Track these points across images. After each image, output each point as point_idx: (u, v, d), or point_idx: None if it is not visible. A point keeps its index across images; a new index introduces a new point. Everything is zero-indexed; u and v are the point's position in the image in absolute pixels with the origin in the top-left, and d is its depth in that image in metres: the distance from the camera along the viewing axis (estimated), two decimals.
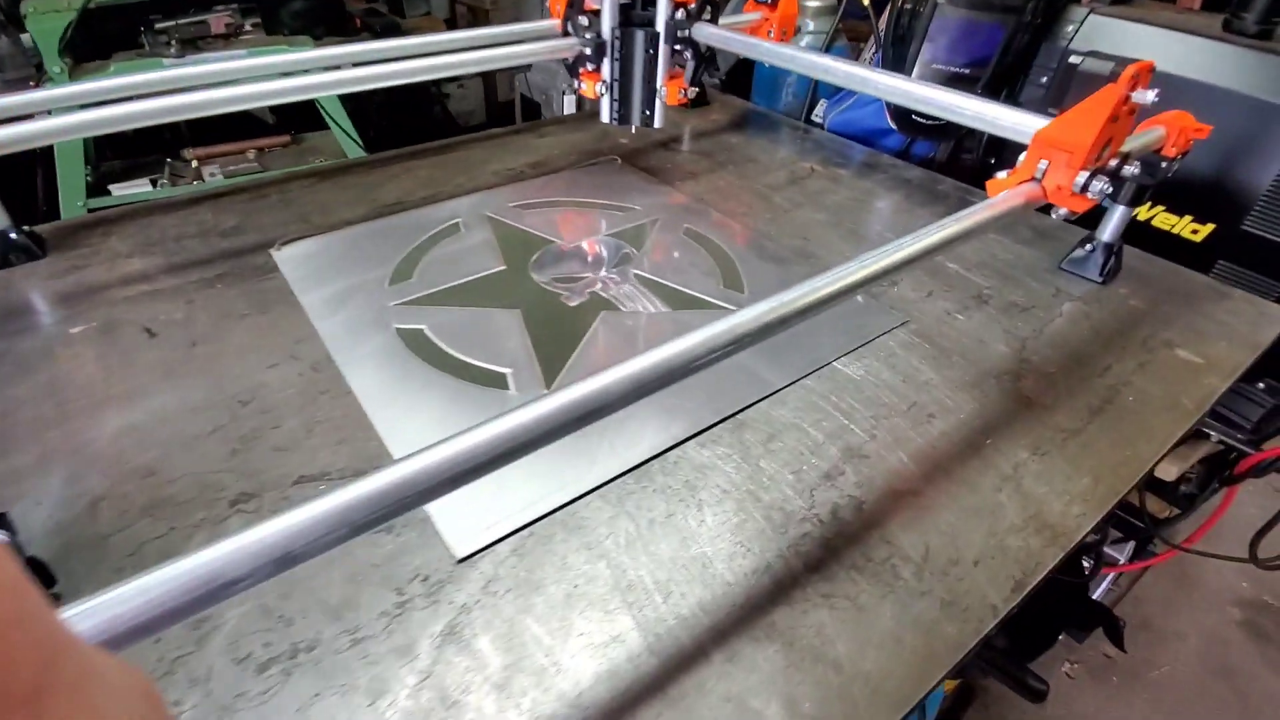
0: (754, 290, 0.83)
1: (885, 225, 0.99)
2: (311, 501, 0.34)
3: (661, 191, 1.05)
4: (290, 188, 1.02)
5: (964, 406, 0.68)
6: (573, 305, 0.80)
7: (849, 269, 0.52)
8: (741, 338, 0.47)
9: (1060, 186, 0.62)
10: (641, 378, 0.44)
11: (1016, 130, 0.68)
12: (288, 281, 0.81)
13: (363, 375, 0.68)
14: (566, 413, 0.42)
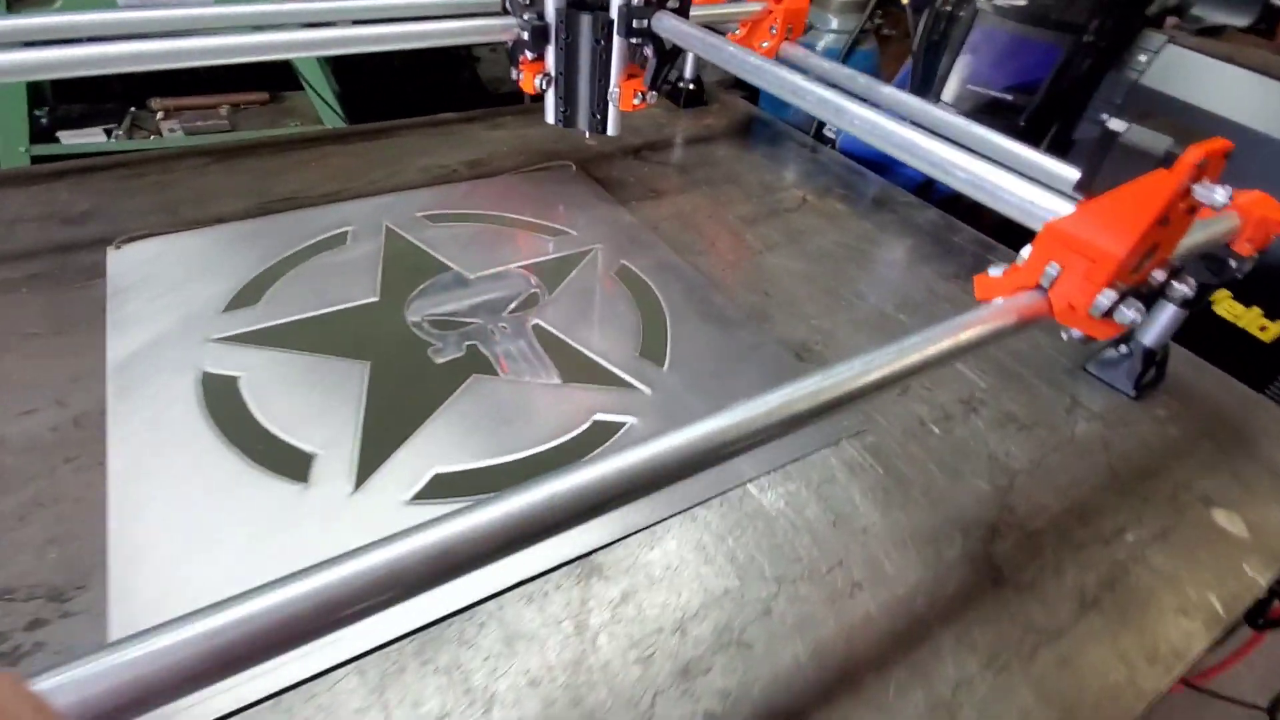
0: (676, 363, 0.66)
1: (871, 287, 0.80)
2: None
3: (611, 213, 0.88)
4: (176, 168, 0.87)
5: (907, 575, 0.50)
6: (439, 362, 0.63)
7: (703, 428, 0.34)
8: (577, 508, 0.30)
9: (1074, 305, 0.43)
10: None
11: (1024, 209, 0.48)
12: (107, 293, 0.66)
13: (129, 441, 0.53)
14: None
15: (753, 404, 0.35)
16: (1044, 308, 0.44)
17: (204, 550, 0.47)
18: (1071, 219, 0.42)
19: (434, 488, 0.53)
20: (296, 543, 0.48)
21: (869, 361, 0.38)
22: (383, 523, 0.49)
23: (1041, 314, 0.44)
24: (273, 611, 0.26)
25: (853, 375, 0.38)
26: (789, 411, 0.35)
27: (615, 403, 0.61)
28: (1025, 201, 0.47)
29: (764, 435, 0.34)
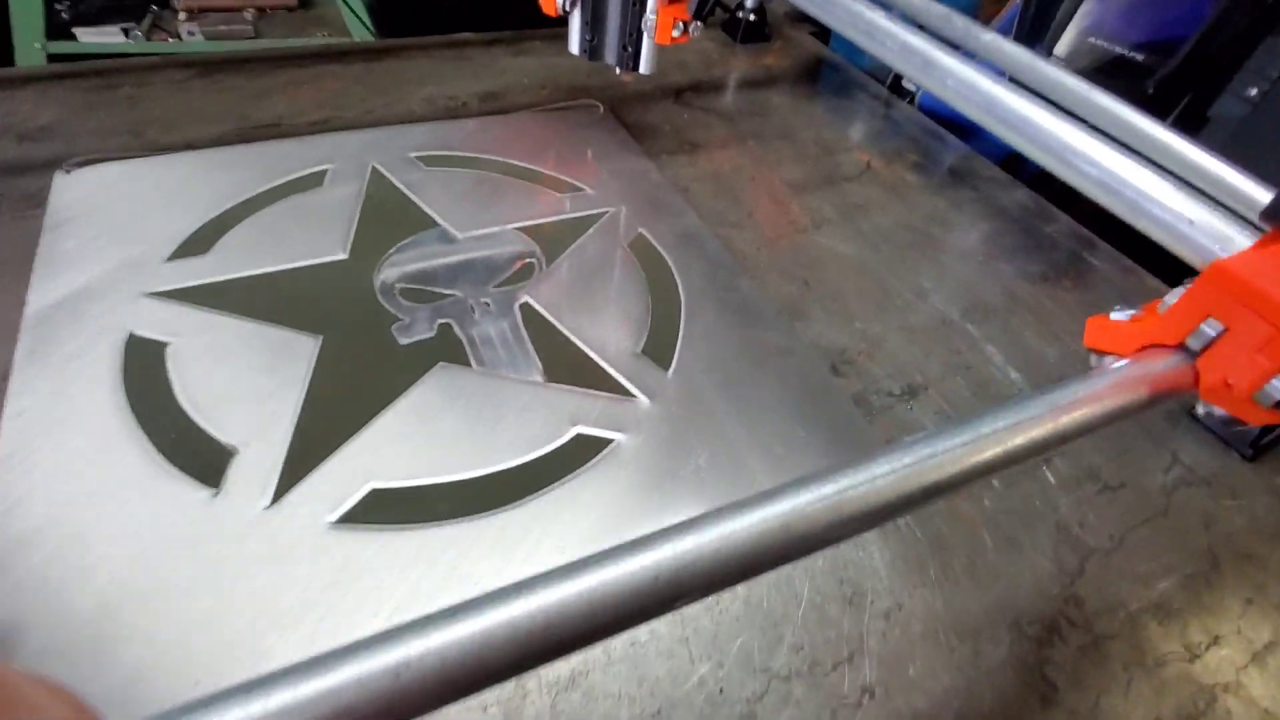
0: (684, 367, 0.55)
1: (935, 282, 0.67)
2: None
3: (635, 168, 0.75)
4: (153, 80, 0.77)
5: (934, 682, 0.40)
6: (404, 343, 0.54)
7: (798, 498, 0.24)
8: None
9: (1231, 384, 0.30)
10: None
11: (1179, 231, 0.34)
12: (44, 226, 0.58)
13: (27, 418, 0.45)
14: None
15: (772, 505, 0.24)
16: (1187, 379, 0.31)
17: (81, 565, 0.39)
18: (1253, 259, 0.29)
19: (368, 507, 0.44)
20: (190, 567, 0.40)
21: (923, 457, 0.27)
22: (299, 549, 0.41)
23: (1182, 387, 0.32)
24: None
25: (893, 479, 0.26)
26: (786, 536, 0.24)
27: (604, 413, 0.51)
28: (1182, 220, 0.33)
29: (791, 551, 0.24)
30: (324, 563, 0.41)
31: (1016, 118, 0.41)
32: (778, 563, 0.24)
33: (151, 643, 0.37)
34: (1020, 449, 0.28)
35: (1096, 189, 0.37)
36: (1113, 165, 0.36)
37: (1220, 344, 0.30)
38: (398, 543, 0.42)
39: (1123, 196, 0.35)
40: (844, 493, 0.25)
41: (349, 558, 0.41)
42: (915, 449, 0.27)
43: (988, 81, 0.43)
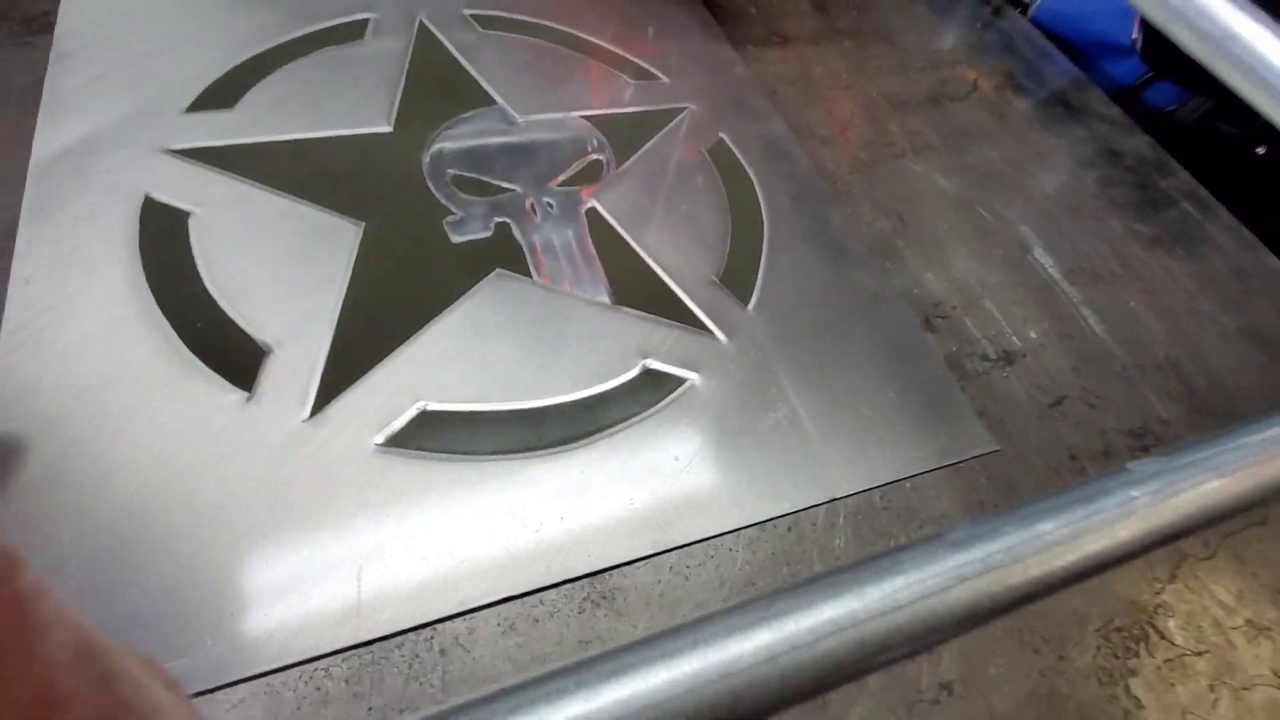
0: (766, 303, 0.49)
1: (1041, 233, 0.60)
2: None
3: (720, 58, 0.65)
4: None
5: (1013, 683, 0.38)
6: (457, 240, 0.47)
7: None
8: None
9: None
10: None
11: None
12: (50, 57, 0.50)
13: (35, 287, 0.40)
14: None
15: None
16: None
17: (98, 470, 0.35)
18: None
19: (416, 430, 0.39)
20: (233, 474, 0.36)
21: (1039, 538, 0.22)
22: (340, 470, 0.37)
23: None
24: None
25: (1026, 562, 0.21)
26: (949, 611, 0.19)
27: (677, 347, 0.46)
28: None
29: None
30: (370, 492, 0.37)
31: (1259, 59, 0.32)
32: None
33: (178, 563, 0.33)
34: (1176, 526, 0.23)
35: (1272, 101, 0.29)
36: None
37: None
38: (448, 474, 0.38)
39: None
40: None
41: (396, 488, 0.37)
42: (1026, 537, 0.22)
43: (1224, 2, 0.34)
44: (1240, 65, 0.32)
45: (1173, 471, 0.23)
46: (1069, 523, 0.21)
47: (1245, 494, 0.24)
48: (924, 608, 0.19)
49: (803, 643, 0.17)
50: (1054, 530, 0.21)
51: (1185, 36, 0.34)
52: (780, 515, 0.40)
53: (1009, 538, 0.20)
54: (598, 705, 0.16)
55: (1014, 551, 0.20)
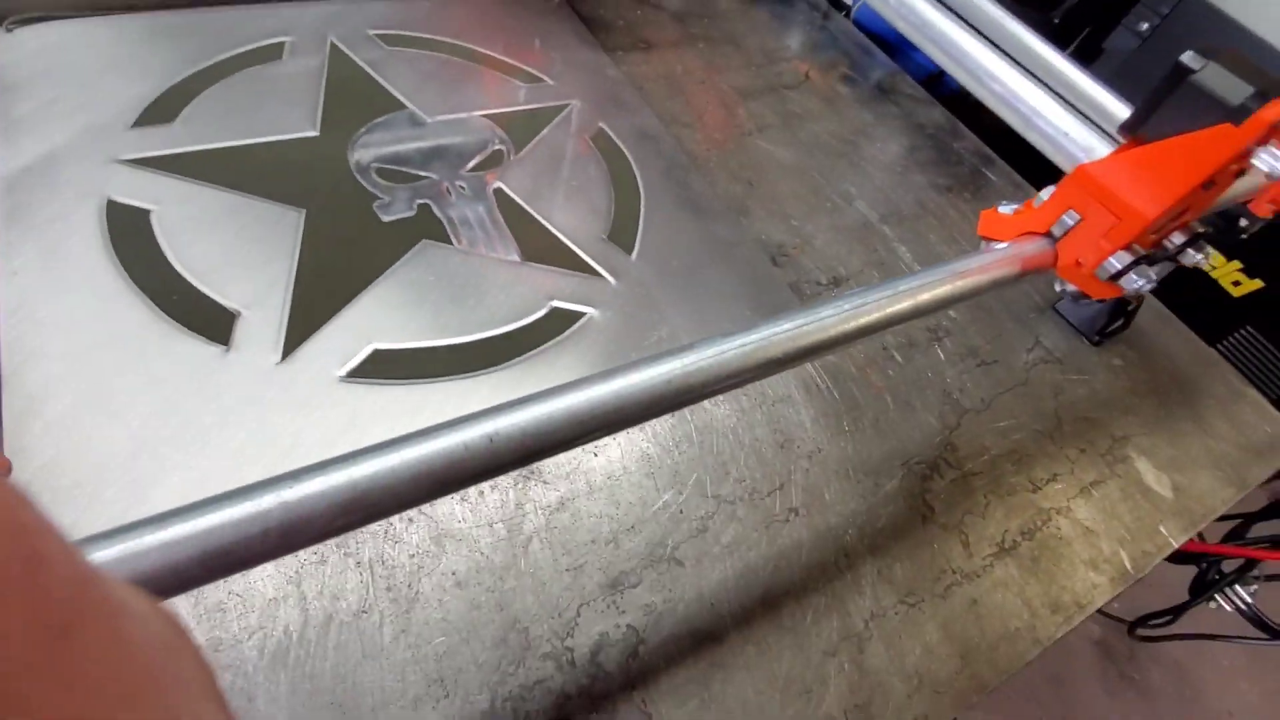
0: (646, 253, 0.61)
1: (860, 189, 0.75)
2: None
3: (594, 62, 0.78)
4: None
5: (843, 505, 0.51)
6: (386, 220, 0.57)
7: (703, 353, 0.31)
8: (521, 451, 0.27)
9: (1081, 262, 0.40)
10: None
11: (1057, 141, 0.43)
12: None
13: (21, 278, 0.47)
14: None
15: (731, 342, 0.32)
16: (1049, 258, 0.41)
17: (107, 411, 0.43)
18: (1107, 164, 0.38)
19: (372, 365, 0.49)
20: (215, 414, 0.44)
21: (860, 305, 0.35)
22: (313, 399, 0.46)
23: (1045, 265, 0.41)
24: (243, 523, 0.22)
25: (840, 318, 0.34)
26: (770, 354, 0.32)
27: (576, 289, 0.57)
28: (1060, 133, 0.42)
29: (740, 379, 0.32)
30: (337, 413, 0.46)
31: (943, 38, 0.48)
32: (714, 393, 0.32)
33: (185, 480, 0.42)
34: (926, 304, 0.37)
35: (999, 104, 0.45)
36: (1014, 85, 0.44)
37: (1076, 231, 0.39)
38: (401, 396, 0.48)
39: (1019, 111, 0.44)
40: (775, 336, 0.33)
41: (359, 409, 0.47)
42: (838, 302, 0.35)
43: (926, 4, 0.50)
44: (938, 46, 0.47)
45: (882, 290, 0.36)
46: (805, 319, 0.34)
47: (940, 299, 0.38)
48: (718, 362, 0.31)
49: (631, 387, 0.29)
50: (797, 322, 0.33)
51: (901, 27, 0.49)
52: None
53: (766, 329, 0.33)
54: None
55: (770, 337, 0.32)
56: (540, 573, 0.43)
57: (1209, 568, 0.92)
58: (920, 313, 0.37)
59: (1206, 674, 1.69)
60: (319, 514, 0.24)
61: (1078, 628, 0.50)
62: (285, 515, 0.23)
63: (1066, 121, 0.43)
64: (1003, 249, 0.40)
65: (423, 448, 0.26)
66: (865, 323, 0.35)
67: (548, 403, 0.28)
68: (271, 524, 0.23)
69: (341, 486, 0.24)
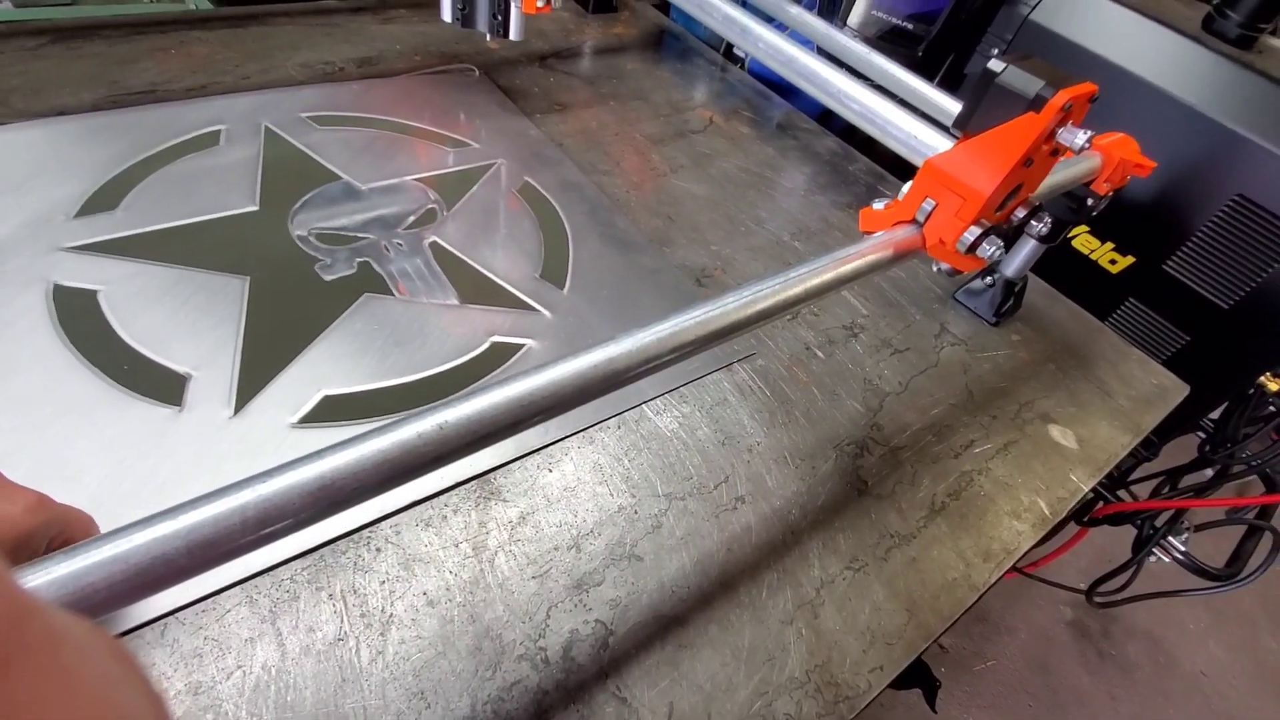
0: (577, 286, 0.66)
1: (770, 214, 0.82)
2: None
3: (516, 126, 0.84)
4: (3, 49, 0.75)
5: (785, 489, 0.55)
6: (328, 279, 0.60)
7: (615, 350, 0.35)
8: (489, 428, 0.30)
9: (944, 240, 0.46)
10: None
11: (909, 144, 0.50)
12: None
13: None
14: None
15: (648, 331, 0.36)
16: (918, 241, 0.47)
17: (62, 477, 0.44)
18: (948, 156, 0.45)
19: (323, 410, 0.51)
20: (171, 470, 0.46)
21: (757, 291, 0.40)
22: (268, 446, 0.48)
23: (916, 247, 0.47)
24: (169, 539, 0.24)
25: (741, 305, 0.39)
26: (683, 339, 0.36)
27: (514, 325, 0.61)
28: (910, 136, 0.49)
29: (658, 362, 0.36)
30: (290, 457, 0.48)
31: (806, 69, 0.56)
32: (633, 379, 0.36)
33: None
34: (816, 288, 0.42)
35: (860, 120, 0.52)
36: (870, 103, 0.52)
37: (935, 214, 0.45)
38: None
39: (875, 123, 0.51)
40: (684, 324, 0.37)
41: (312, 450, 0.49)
42: (741, 291, 0.40)
43: (787, 44, 0.57)
44: (805, 79, 0.55)
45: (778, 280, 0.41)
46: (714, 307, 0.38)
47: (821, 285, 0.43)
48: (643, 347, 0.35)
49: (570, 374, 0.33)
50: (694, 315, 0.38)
51: (779, 70, 0.57)
52: (608, 417, 0.56)
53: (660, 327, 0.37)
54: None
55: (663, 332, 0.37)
56: (508, 583, 0.46)
57: (1144, 524, 0.99)
58: (810, 295, 0.42)
59: (1176, 639, 1.76)
60: (291, 503, 0.26)
61: (1051, 612, 0.54)
62: (261, 505, 0.26)
63: (914, 126, 0.50)
64: (877, 237, 0.46)
65: (382, 440, 0.29)
66: (765, 306, 0.40)
67: (491, 393, 0.32)
68: (250, 514, 0.25)
69: (311, 479, 0.27)
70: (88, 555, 0.23)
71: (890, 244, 0.46)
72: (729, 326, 0.38)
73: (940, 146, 0.47)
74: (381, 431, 0.29)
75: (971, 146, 0.43)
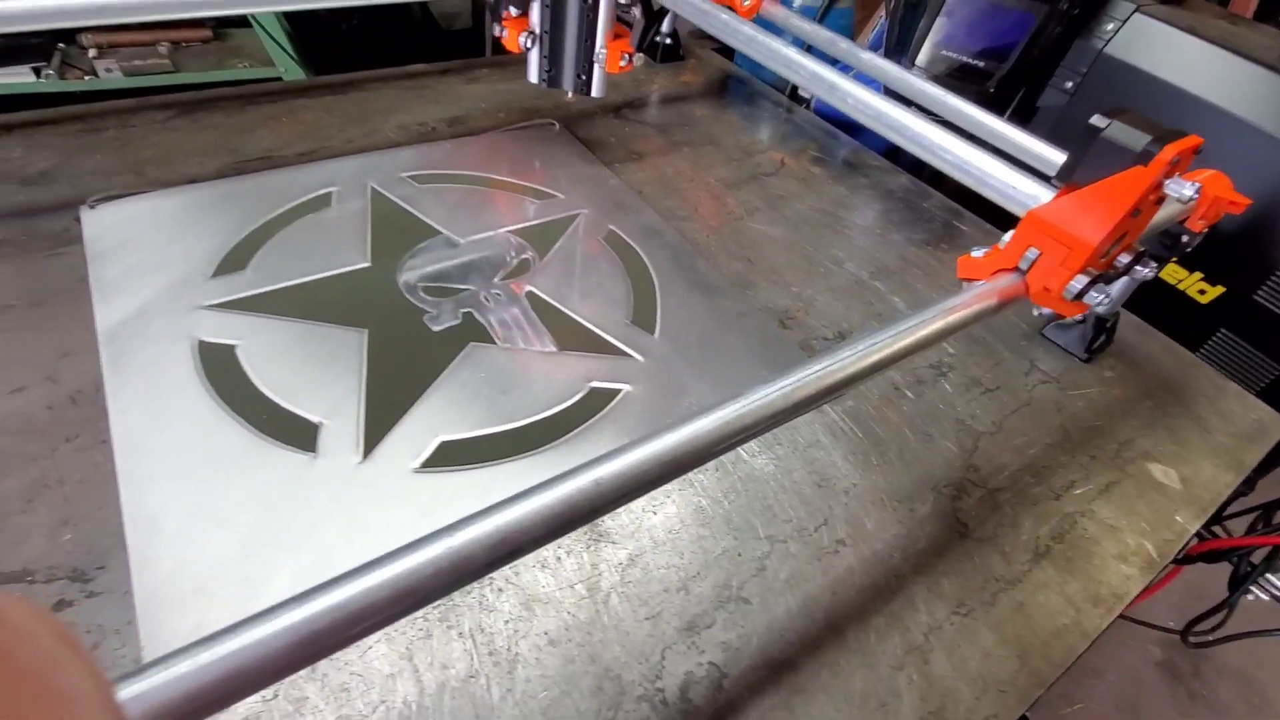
0: (667, 331, 0.68)
1: (847, 253, 0.83)
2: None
3: (597, 175, 0.88)
4: (135, 122, 0.83)
5: (885, 532, 0.55)
6: (436, 330, 0.64)
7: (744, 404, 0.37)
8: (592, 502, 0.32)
9: (1049, 288, 0.46)
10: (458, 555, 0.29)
11: (1007, 194, 0.51)
12: (86, 259, 0.64)
13: (130, 415, 0.53)
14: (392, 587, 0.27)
15: (772, 387, 0.38)
16: (1021, 289, 0.48)
17: (218, 523, 0.48)
18: (1051, 207, 0.46)
19: (440, 455, 0.54)
20: (310, 513, 0.49)
21: (870, 345, 0.41)
22: (394, 490, 0.51)
23: (1019, 295, 0.48)
24: (341, 606, 0.27)
25: (855, 358, 0.41)
26: (806, 392, 0.38)
27: (610, 370, 0.64)
28: (1008, 187, 0.50)
29: (781, 417, 0.37)
30: (415, 499, 0.51)
31: (897, 123, 0.57)
32: (745, 440, 0.37)
33: (292, 574, 0.46)
34: (926, 338, 0.43)
35: (953, 170, 0.53)
36: (963, 153, 0.53)
37: (1039, 263, 0.46)
38: (470, 479, 0.53)
39: (970, 173, 0.52)
40: (807, 379, 0.39)
41: (434, 494, 0.52)
42: (852, 345, 0.41)
43: (877, 98, 0.59)
44: (891, 129, 0.56)
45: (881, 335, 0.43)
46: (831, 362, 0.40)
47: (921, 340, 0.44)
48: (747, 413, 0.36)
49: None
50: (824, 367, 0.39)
51: (856, 116, 0.59)
52: (702, 464, 0.58)
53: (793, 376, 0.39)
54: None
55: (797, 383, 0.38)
56: (622, 624, 0.47)
57: (1240, 561, 0.94)
58: (920, 346, 0.43)
59: (1269, 679, 1.65)
60: (477, 555, 0.29)
61: (1139, 652, 0.53)
62: (451, 557, 0.28)
63: (1012, 176, 0.51)
64: (981, 286, 0.47)
65: (549, 494, 0.31)
66: (877, 359, 0.41)
67: (633, 451, 0.34)
68: (442, 564, 0.28)
69: (491, 532, 0.29)
70: (318, 600, 0.26)
71: (995, 292, 0.46)
72: (848, 378, 0.40)
73: (1039, 195, 0.48)
74: (546, 488, 0.31)
75: (1077, 199, 0.44)
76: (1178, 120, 0.49)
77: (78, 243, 0.66)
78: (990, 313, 0.47)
